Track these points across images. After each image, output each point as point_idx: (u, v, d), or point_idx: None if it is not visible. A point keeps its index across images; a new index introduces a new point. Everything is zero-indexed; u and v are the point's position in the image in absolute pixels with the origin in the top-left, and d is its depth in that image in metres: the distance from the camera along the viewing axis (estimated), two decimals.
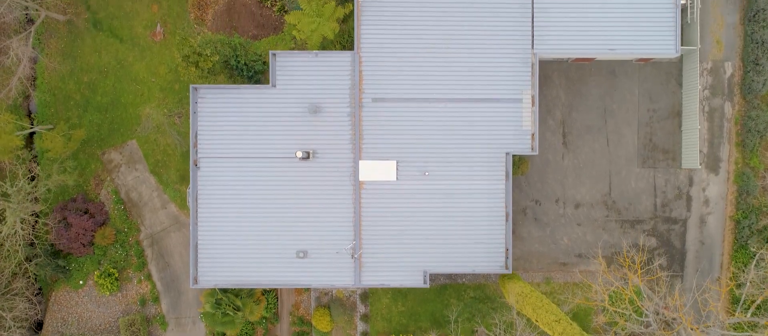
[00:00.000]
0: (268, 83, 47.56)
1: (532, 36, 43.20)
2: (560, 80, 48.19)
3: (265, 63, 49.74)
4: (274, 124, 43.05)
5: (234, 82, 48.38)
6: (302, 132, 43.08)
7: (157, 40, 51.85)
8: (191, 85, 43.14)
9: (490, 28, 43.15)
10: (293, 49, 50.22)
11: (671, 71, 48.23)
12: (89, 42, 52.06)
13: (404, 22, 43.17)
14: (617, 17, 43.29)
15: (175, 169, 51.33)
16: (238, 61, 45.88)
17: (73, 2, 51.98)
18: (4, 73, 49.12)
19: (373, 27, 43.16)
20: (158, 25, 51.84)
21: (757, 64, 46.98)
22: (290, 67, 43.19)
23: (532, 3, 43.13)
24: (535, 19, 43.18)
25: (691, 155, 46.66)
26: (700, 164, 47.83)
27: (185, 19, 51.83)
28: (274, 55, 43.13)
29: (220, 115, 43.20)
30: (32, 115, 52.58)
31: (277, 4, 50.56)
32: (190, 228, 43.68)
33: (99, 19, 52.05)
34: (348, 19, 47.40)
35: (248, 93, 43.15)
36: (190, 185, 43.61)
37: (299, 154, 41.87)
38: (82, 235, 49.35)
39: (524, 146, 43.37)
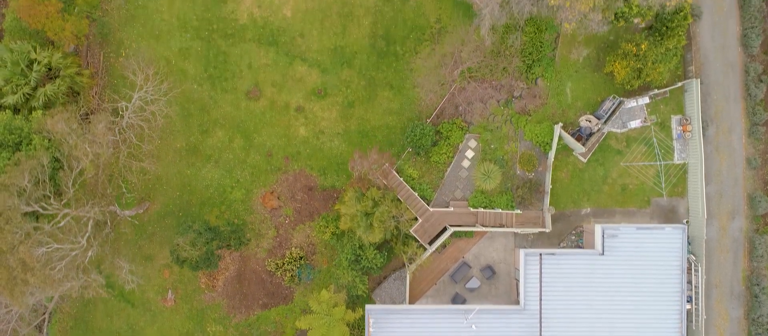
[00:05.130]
0: None
1: None
2: None
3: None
4: None
5: None
6: None
7: (168, 305, 52.47)
8: None
9: None
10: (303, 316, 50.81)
11: None
12: (101, 307, 52.68)
13: None
14: None
15: None
16: None
17: (85, 270, 52.43)
18: None
19: None
20: (170, 291, 52.45)
21: None
22: None
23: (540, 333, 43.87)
24: None
25: None
26: None
27: (196, 285, 52.48)
28: None
29: None
30: None
31: (287, 274, 51.16)
32: None
33: (111, 284, 52.65)
34: (359, 324, 48.18)
35: None
36: None
37: None
38: None
39: None
